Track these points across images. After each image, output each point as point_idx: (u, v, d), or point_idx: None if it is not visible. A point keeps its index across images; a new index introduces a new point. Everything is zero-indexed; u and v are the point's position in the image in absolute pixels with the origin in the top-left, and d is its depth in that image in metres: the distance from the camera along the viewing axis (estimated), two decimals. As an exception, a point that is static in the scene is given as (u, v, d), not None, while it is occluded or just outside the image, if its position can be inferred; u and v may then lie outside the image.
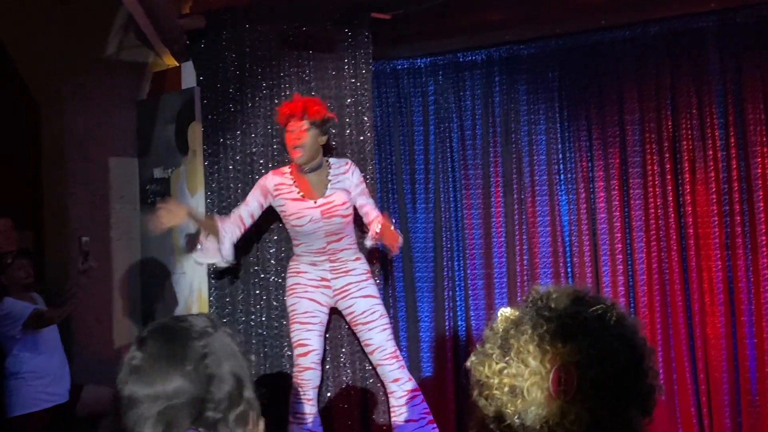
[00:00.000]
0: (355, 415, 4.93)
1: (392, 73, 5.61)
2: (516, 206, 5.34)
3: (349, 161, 4.70)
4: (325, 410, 4.85)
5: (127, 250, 5.62)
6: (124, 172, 5.65)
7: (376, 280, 4.76)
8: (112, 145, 5.62)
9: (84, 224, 5.43)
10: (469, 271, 5.44)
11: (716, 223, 4.82)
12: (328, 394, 4.86)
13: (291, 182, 4.55)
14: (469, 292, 5.43)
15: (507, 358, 1.33)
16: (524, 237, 5.28)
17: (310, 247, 4.56)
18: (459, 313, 5.47)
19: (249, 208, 4.60)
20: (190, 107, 5.20)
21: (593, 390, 1.29)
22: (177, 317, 1.67)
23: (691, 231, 4.88)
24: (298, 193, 4.52)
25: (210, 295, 5.06)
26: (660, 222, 4.96)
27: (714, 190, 4.83)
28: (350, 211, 4.57)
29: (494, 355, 1.34)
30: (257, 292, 4.95)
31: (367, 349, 4.64)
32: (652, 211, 4.97)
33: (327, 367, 4.87)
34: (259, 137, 5.01)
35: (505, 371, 1.32)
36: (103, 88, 5.57)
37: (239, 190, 4.99)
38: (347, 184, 4.57)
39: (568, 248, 5.20)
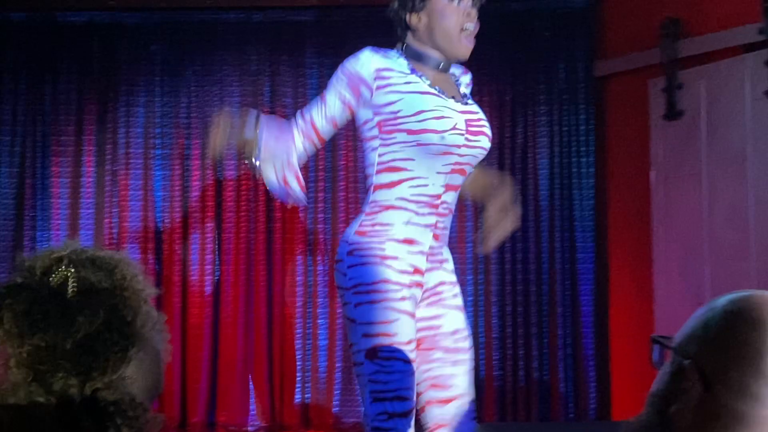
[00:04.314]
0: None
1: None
2: (108, 177, 5.18)
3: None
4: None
5: None
6: None
7: None
8: None
9: None
10: (43, 243, 5.14)
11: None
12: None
13: (409, 70, 2.69)
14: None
15: None
16: (114, 209, 5.15)
17: (425, 190, 2.64)
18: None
19: (329, 111, 2.67)
20: None
21: (30, 362, 1.19)
22: None
23: (279, 215, 5.12)
24: (429, 85, 2.68)
25: None
26: (250, 204, 5.13)
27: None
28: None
29: None
30: None
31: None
32: (244, 192, 5.13)
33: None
34: None
35: None
36: None
37: None
38: None
39: (159, 223, 5.17)
